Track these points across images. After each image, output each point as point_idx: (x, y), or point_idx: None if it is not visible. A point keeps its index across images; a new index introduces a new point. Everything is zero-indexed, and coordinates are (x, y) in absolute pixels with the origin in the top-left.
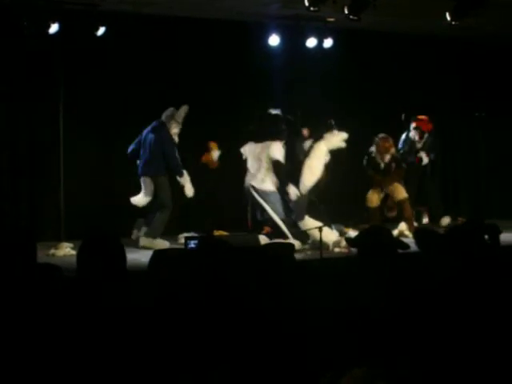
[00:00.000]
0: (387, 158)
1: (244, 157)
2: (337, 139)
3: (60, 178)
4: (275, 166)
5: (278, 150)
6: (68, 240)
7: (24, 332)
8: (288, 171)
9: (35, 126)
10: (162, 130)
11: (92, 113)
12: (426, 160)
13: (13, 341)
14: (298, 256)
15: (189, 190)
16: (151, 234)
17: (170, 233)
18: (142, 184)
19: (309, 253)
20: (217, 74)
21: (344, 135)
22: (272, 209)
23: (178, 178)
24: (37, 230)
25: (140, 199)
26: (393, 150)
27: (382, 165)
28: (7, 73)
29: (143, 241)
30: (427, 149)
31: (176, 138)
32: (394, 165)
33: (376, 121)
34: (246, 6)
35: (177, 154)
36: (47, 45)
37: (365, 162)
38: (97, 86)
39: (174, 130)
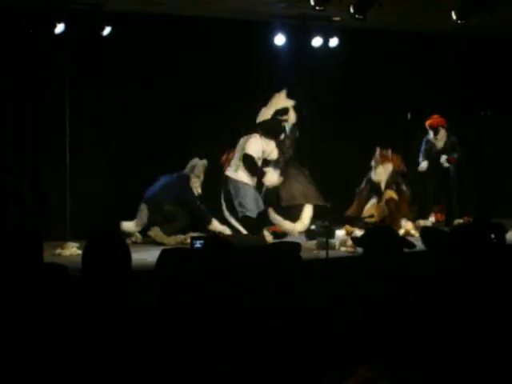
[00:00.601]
0: (387, 177)
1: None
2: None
3: (66, 177)
4: (246, 158)
5: (251, 144)
6: (74, 240)
7: (30, 331)
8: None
9: (41, 126)
10: (185, 180)
11: (98, 113)
12: (446, 164)
13: (19, 340)
14: (303, 255)
15: (225, 230)
16: (166, 231)
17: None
18: (138, 212)
19: (315, 252)
20: (223, 74)
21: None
22: (239, 203)
23: (208, 226)
24: (43, 229)
25: (130, 226)
26: (390, 166)
27: (382, 185)
28: (12, 73)
29: (155, 232)
30: (449, 150)
31: (198, 190)
32: (394, 187)
33: (382, 120)
34: (251, 5)
35: (199, 204)
36: (52, 45)
37: (363, 185)
38: (102, 86)
39: (196, 185)
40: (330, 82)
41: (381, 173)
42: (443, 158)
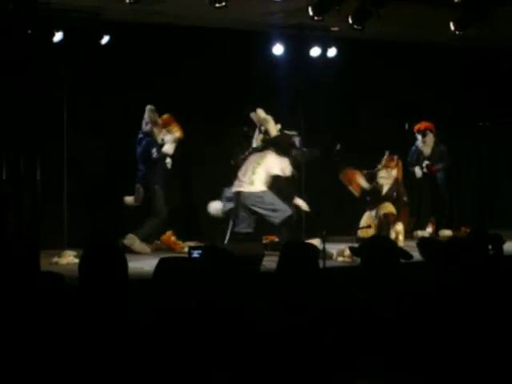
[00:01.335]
0: (390, 183)
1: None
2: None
3: (63, 186)
4: (279, 182)
5: (275, 164)
6: (71, 248)
7: (27, 340)
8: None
9: (38, 135)
10: (144, 140)
11: (96, 121)
12: (425, 170)
13: (15, 349)
14: None
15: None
16: (137, 234)
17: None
18: (136, 191)
19: None
20: (221, 83)
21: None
22: (266, 209)
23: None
24: (40, 238)
25: (130, 201)
26: (394, 172)
27: (384, 189)
28: (11, 81)
29: (127, 239)
30: (436, 158)
31: (163, 137)
32: (395, 194)
33: (380, 130)
34: (250, 15)
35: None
36: (51, 53)
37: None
38: (100, 95)
39: (157, 131)
40: (328, 92)
41: (384, 176)
42: (424, 163)
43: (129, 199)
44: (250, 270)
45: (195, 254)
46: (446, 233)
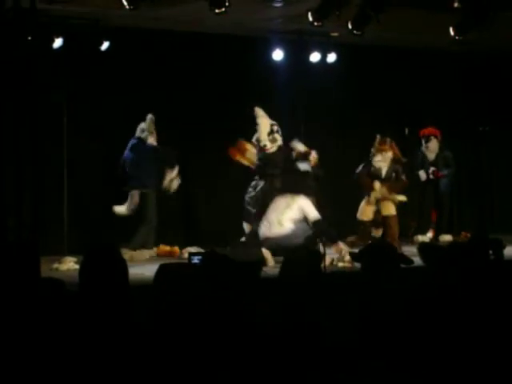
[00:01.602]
0: (387, 165)
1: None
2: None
3: (63, 192)
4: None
5: (311, 208)
6: (72, 254)
7: (27, 346)
8: None
9: (39, 141)
10: (139, 146)
11: (96, 127)
12: (431, 176)
13: (15, 355)
14: None
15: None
16: (131, 247)
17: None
18: (129, 196)
19: None
20: (220, 89)
21: None
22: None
23: (168, 172)
24: (40, 244)
25: (121, 209)
26: (390, 154)
27: (383, 172)
28: (11, 87)
29: (128, 254)
30: (441, 164)
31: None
32: (394, 175)
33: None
34: (249, 20)
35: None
36: (51, 59)
37: (361, 168)
38: (101, 101)
39: (151, 140)
40: (327, 98)
41: (380, 160)
42: (430, 169)
43: (120, 208)
44: (250, 275)
45: (195, 259)
46: (447, 238)
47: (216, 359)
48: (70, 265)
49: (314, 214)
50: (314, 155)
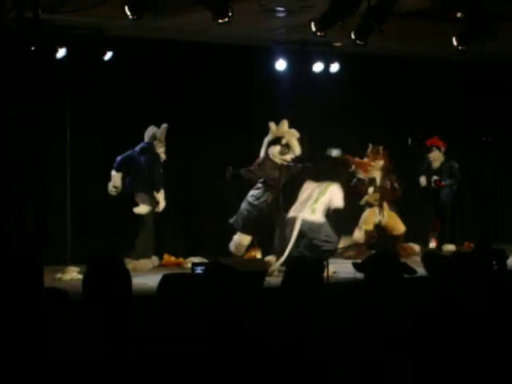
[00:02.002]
0: (380, 174)
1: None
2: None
3: (66, 202)
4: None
5: (340, 198)
6: (75, 264)
7: (31, 355)
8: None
9: (42, 151)
10: (150, 151)
11: (99, 137)
12: (432, 185)
13: (19, 364)
14: None
15: (162, 206)
16: (133, 256)
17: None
18: (138, 198)
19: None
20: (223, 99)
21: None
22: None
23: (155, 194)
24: (43, 254)
25: (143, 208)
26: (381, 162)
27: (377, 180)
28: (15, 98)
29: (131, 264)
30: (445, 174)
31: (163, 156)
32: (388, 183)
33: (382, 145)
34: (252, 30)
35: (161, 170)
36: (54, 69)
37: (355, 181)
38: (104, 111)
39: (160, 150)
40: (330, 107)
41: (373, 169)
42: (433, 178)
43: (142, 207)
44: (253, 285)
45: (198, 270)
46: (450, 247)
47: (219, 369)
48: (73, 274)
49: (339, 202)
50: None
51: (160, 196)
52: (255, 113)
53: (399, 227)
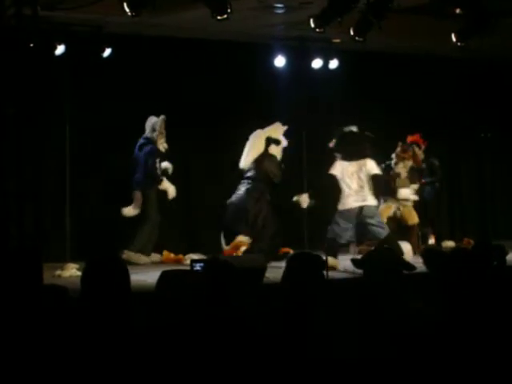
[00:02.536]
0: (404, 169)
1: (339, 177)
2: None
3: (65, 198)
4: (376, 181)
5: (375, 166)
6: (74, 261)
7: (30, 352)
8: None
9: (41, 149)
10: (147, 146)
11: (98, 134)
12: None
13: (18, 361)
14: None
15: (171, 193)
16: (134, 248)
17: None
18: (134, 197)
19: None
20: (222, 95)
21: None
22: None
23: (160, 186)
24: (43, 250)
25: (129, 210)
26: (410, 162)
27: (402, 177)
28: (13, 95)
29: (126, 254)
30: (424, 172)
31: (164, 145)
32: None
33: (381, 142)
34: (251, 27)
35: (157, 165)
36: (53, 66)
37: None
38: (103, 108)
39: (161, 141)
40: (329, 104)
41: (402, 167)
42: None
43: (128, 209)
44: (252, 282)
45: (197, 266)
46: (449, 244)
47: (218, 366)
48: (72, 271)
49: (376, 170)
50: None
51: (164, 185)
52: (254, 109)
53: (414, 217)
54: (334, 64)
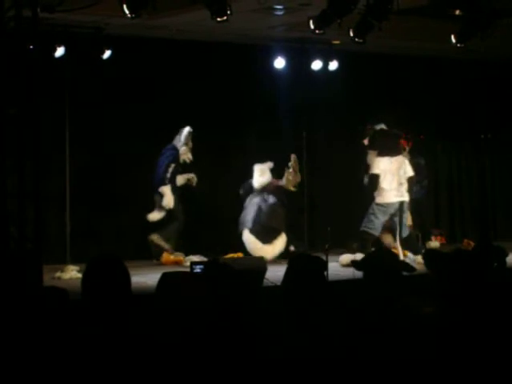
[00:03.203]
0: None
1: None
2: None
3: (66, 201)
4: (409, 181)
5: (411, 168)
6: (74, 263)
7: (30, 355)
8: None
9: (41, 149)
10: (168, 151)
11: (98, 136)
12: None
13: (18, 363)
14: None
15: (194, 180)
16: (164, 236)
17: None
18: (155, 201)
19: None
20: (222, 97)
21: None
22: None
23: (159, 189)
24: (43, 253)
25: (154, 215)
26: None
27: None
28: (13, 96)
29: (155, 237)
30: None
31: (188, 156)
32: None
33: None
34: (251, 29)
35: (170, 168)
36: (53, 68)
37: None
38: (103, 110)
39: (185, 151)
40: (329, 105)
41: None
42: None
43: (153, 215)
44: (252, 284)
45: (197, 269)
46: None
47: (217, 368)
48: (72, 273)
49: (412, 172)
50: None
51: (163, 190)
52: (254, 111)
53: (407, 219)
54: (333, 65)
